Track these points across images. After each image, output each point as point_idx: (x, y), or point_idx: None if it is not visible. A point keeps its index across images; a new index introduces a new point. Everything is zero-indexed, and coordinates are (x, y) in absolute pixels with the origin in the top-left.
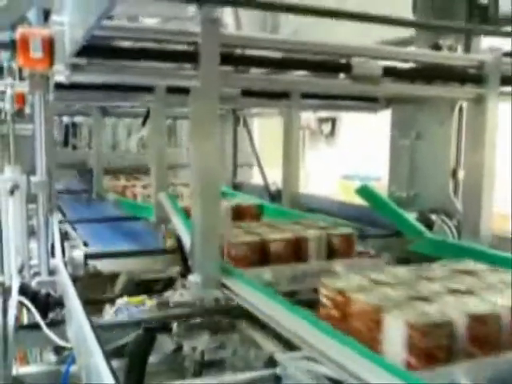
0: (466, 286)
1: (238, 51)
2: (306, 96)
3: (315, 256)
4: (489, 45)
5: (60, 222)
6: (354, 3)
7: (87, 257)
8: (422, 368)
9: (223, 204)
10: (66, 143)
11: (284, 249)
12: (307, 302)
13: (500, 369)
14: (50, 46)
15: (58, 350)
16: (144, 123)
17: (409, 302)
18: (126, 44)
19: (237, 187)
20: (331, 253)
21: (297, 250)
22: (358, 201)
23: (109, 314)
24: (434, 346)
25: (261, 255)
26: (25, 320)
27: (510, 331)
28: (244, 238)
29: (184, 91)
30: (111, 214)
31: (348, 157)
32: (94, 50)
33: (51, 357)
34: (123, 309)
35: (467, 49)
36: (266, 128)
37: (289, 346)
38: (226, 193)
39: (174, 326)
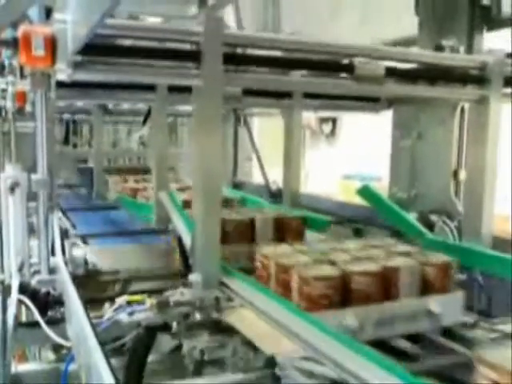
0: None
1: (239, 51)
2: (307, 96)
3: (407, 292)
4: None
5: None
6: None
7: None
8: None
9: (260, 217)
10: (66, 141)
11: (370, 284)
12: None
13: None
14: (52, 44)
15: (56, 348)
16: (145, 122)
17: None
18: (129, 43)
19: (237, 186)
20: (425, 287)
21: (386, 286)
22: (358, 201)
23: (109, 313)
24: None
25: (342, 293)
26: (24, 318)
27: None
28: (320, 271)
29: (186, 90)
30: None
31: (348, 157)
32: (96, 48)
33: (50, 355)
34: (123, 307)
35: (469, 50)
36: (265, 128)
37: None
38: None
39: (174, 324)
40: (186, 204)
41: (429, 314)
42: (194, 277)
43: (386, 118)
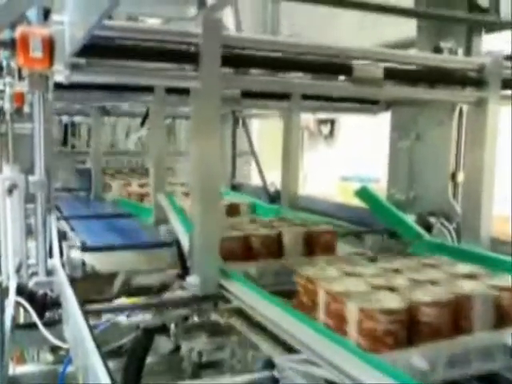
0: None
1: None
2: (306, 97)
3: (481, 324)
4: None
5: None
6: None
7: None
8: None
9: (289, 230)
10: (64, 143)
11: (441, 316)
12: None
13: None
14: (49, 45)
15: (54, 349)
16: (143, 123)
17: None
18: (127, 44)
19: (235, 188)
20: (500, 317)
21: (458, 317)
22: (356, 202)
23: (106, 315)
24: None
25: (409, 327)
26: (21, 320)
27: None
28: (384, 302)
29: (184, 91)
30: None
31: (347, 158)
32: (93, 49)
33: (48, 357)
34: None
35: (468, 52)
36: (264, 132)
37: (287, 348)
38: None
39: (172, 326)
40: None
41: (507, 350)
42: (191, 279)
43: (384, 119)
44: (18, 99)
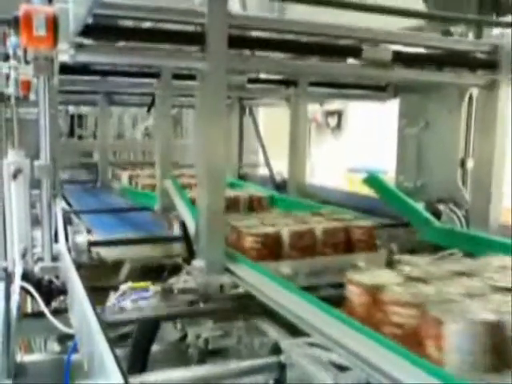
0: None
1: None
2: (313, 85)
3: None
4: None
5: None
6: None
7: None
8: None
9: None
10: (71, 133)
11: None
12: None
13: None
14: (53, 23)
15: (62, 339)
16: (149, 110)
17: None
18: (132, 24)
19: (242, 177)
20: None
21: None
22: (365, 192)
23: (112, 301)
24: None
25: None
26: (29, 309)
27: None
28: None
29: (190, 77)
30: None
31: (354, 150)
32: (98, 29)
33: (55, 346)
34: (127, 295)
35: (478, 37)
36: (271, 121)
37: (294, 332)
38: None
39: None
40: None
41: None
42: (197, 263)
43: (392, 110)
44: (24, 87)
